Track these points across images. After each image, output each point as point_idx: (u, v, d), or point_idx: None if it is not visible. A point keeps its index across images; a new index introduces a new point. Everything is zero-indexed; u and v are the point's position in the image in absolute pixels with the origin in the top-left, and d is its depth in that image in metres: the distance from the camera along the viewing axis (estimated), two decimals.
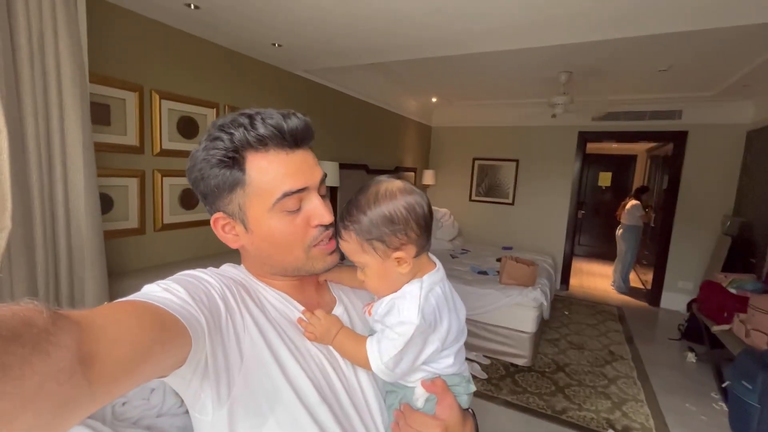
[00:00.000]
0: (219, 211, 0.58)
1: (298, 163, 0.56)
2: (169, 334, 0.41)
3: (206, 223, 2.42)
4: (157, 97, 2.05)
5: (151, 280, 0.49)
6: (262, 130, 0.52)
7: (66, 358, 0.27)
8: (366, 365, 0.58)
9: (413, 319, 0.55)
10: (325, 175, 0.61)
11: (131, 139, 1.96)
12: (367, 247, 0.57)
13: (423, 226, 0.58)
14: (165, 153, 2.12)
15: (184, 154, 2.23)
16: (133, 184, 2.00)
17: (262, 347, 0.53)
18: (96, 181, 1.55)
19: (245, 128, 0.53)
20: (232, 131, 0.53)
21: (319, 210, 0.57)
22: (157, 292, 0.46)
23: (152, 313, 0.41)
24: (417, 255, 0.59)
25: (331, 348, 0.60)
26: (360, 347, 0.58)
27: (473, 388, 0.63)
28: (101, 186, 1.71)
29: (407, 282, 0.59)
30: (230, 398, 0.49)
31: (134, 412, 0.97)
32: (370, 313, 0.63)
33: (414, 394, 0.60)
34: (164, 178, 2.14)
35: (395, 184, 0.58)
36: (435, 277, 0.60)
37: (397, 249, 0.57)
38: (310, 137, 0.58)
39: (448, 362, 0.60)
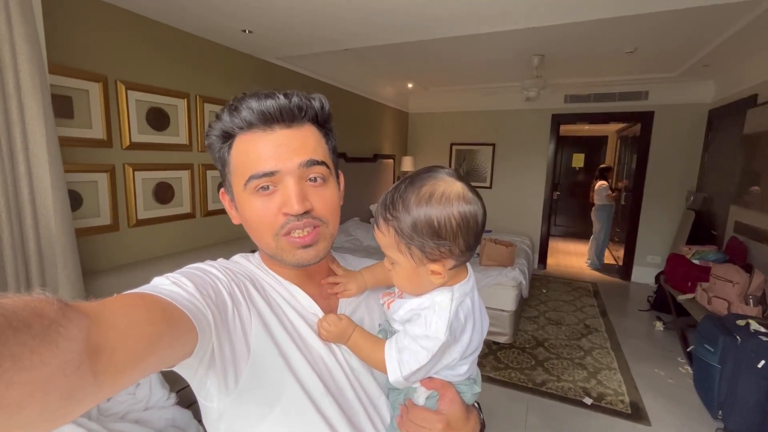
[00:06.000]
0: (223, 185, 0.60)
1: (274, 146, 0.53)
2: (176, 329, 0.41)
3: (183, 217, 2.39)
4: (123, 87, 1.96)
5: (128, 278, 0.49)
6: (242, 112, 0.53)
7: (73, 350, 0.27)
8: (379, 367, 0.57)
9: (440, 336, 0.51)
10: (320, 161, 0.55)
11: (97, 132, 1.88)
12: (404, 248, 0.52)
13: (471, 243, 0.53)
14: (135, 146, 2.05)
15: (156, 147, 2.16)
16: (102, 179, 1.92)
17: (266, 340, 0.53)
18: (63, 176, 1.48)
19: (231, 109, 0.54)
20: (224, 113, 0.55)
21: (288, 198, 0.53)
22: (166, 285, 0.47)
23: (160, 306, 0.41)
24: (454, 268, 0.54)
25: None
26: (376, 351, 0.57)
27: (478, 389, 0.62)
28: (68, 182, 1.64)
29: (436, 288, 0.55)
30: (237, 388, 0.50)
31: (120, 407, 0.96)
32: (389, 306, 0.59)
33: (416, 392, 0.59)
34: (136, 173, 2.07)
35: (455, 187, 0.51)
36: (466, 287, 0.56)
37: (434, 261, 0.52)
38: (290, 117, 0.54)
39: (463, 370, 0.59)
